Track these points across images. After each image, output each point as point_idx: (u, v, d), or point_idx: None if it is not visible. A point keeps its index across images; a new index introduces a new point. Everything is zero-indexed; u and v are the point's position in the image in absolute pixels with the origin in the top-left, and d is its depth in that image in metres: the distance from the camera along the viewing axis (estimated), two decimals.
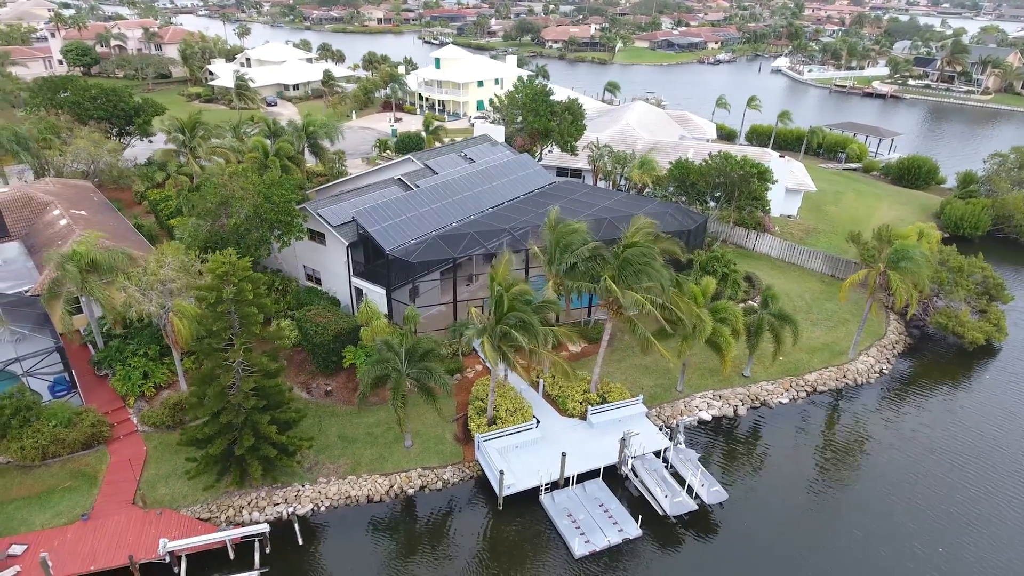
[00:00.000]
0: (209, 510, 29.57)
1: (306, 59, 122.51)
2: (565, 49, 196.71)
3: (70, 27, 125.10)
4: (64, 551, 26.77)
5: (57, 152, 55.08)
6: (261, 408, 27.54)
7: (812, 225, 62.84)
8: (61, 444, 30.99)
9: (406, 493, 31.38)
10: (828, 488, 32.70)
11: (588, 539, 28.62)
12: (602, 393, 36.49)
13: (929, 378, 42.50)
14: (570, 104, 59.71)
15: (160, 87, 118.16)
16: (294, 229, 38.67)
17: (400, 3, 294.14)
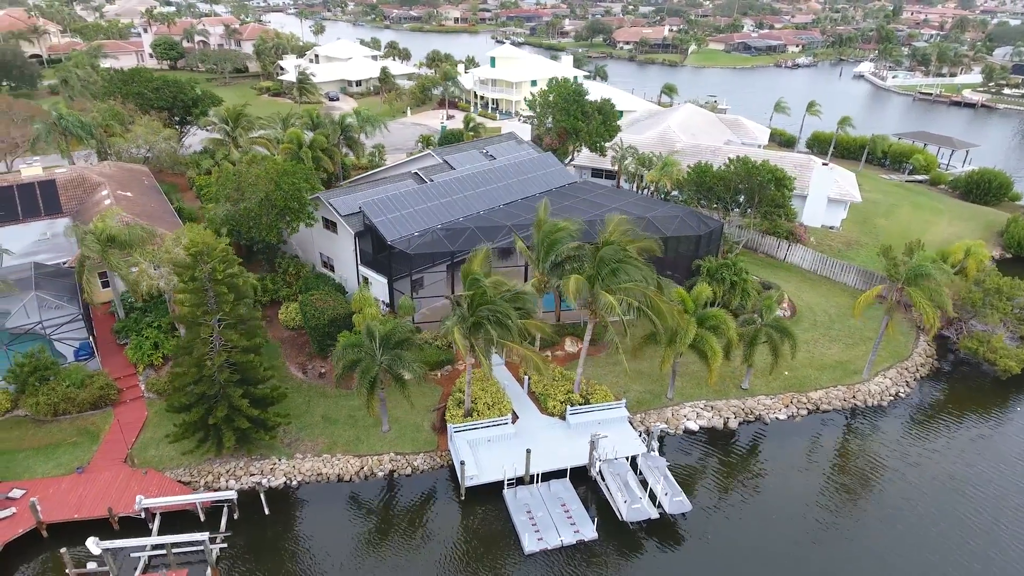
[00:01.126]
0: (190, 474, 31.53)
1: (371, 56, 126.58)
2: (636, 51, 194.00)
3: (161, 23, 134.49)
4: (55, 499, 29.26)
5: (119, 138, 59.55)
6: (236, 382, 29.11)
7: (855, 238, 59.71)
8: (71, 403, 33.78)
9: (375, 475, 32.34)
10: (804, 512, 31.14)
11: (541, 537, 28.62)
12: (585, 394, 36.26)
13: (951, 405, 39.69)
14: (602, 104, 59.21)
15: (236, 81, 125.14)
16: (303, 215, 40.39)
17: (478, 3, 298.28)
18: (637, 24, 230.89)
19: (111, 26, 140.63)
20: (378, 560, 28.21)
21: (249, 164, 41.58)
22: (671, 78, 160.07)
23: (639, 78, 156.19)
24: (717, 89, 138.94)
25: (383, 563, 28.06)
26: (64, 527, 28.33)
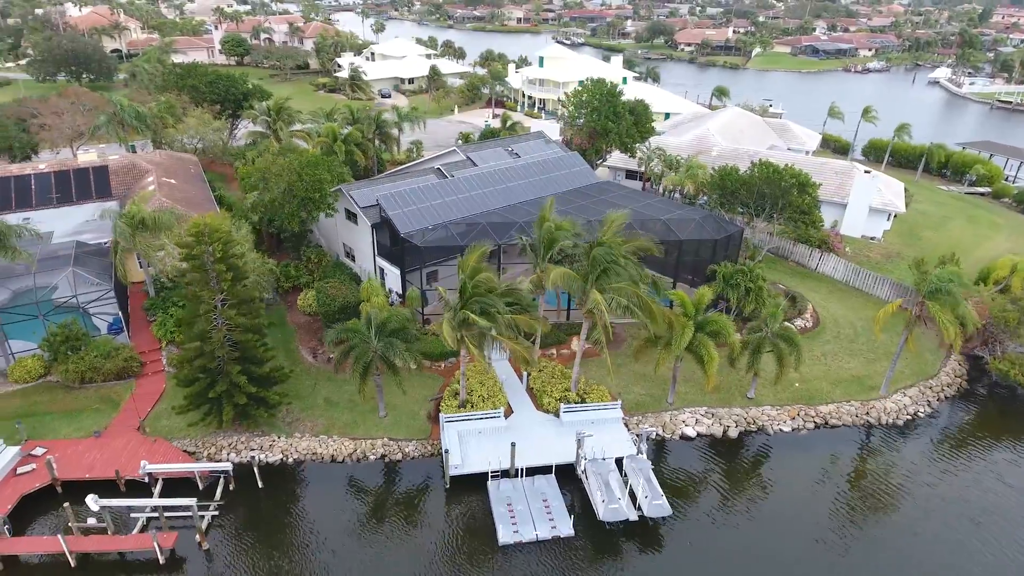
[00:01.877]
0: (195, 445, 33.38)
1: (425, 55, 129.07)
2: (697, 53, 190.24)
3: (230, 21, 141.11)
4: (71, 459, 31.58)
5: (172, 129, 63.12)
6: (235, 359, 30.67)
7: (896, 250, 57.05)
8: (97, 372, 36.27)
9: (367, 458, 33.37)
10: (790, 528, 30.16)
11: (517, 529, 28.93)
12: (582, 393, 36.28)
13: (975, 429, 37.58)
14: (634, 105, 58.69)
15: (297, 77, 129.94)
16: (322, 205, 41.93)
17: (542, 4, 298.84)
18: (702, 25, 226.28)
19: (185, 23, 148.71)
20: (357, 539, 29.16)
21: (276, 156, 43.44)
22: (731, 81, 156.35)
23: (696, 80, 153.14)
24: (779, 93, 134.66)
25: (361, 542, 28.99)
26: (76, 485, 30.53)
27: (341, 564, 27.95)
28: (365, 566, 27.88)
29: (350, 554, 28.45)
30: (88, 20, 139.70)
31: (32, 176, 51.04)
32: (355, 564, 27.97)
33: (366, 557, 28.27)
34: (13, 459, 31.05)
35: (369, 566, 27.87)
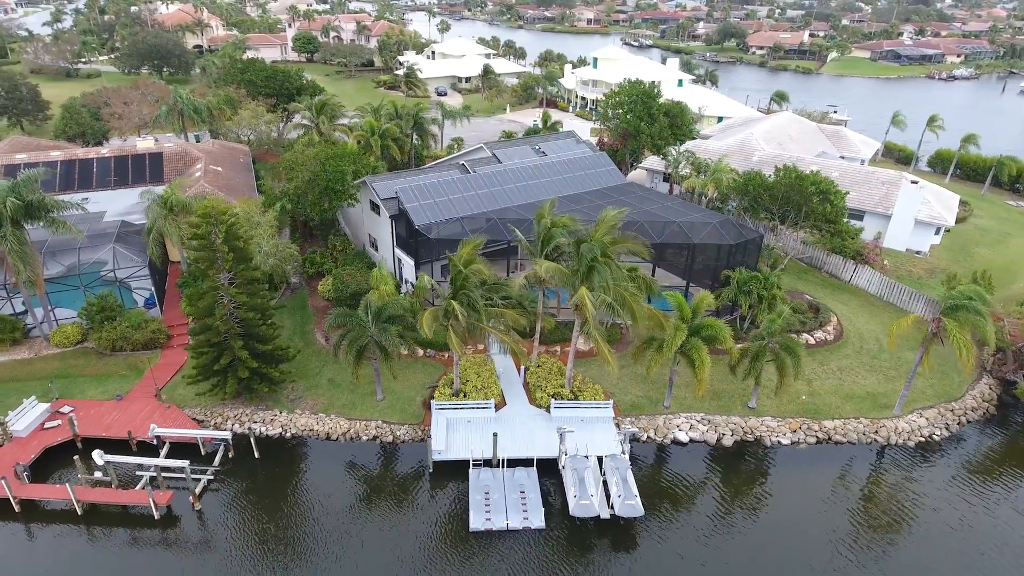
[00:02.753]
0: (204, 414, 35.64)
1: (484, 54, 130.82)
2: (768, 56, 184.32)
3: (303, 19, 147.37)
4: (93, 418, 34.39)
5: (227, 121, 66.95)
6: (239, 335, 32.60)
7: (942, 266, 53.98)
8: (126, 341, 39.23)
9: (359, 438, 34.73)
10: (765, 543, 29.35)
11: (490, 517, 29.50)
12: (576, 390, 36.47)
13: (994, 457, 35.32)
14: (670, 107, 57.95)
15: (361, 74, 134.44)
16: (343, 196, 43.71)
17: (613, 5, 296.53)
18: (779, 28, 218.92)
19: (262, 21, 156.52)
20: (337, 513, 30.47)
21: (305, 147, 45.56)
22: (803, 87, 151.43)
23: (765, 85, 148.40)
24: (853, 100, 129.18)
25: (341, 516, 30.27)
26: (95, 441, 33.23)
27: (319, 533, 29.31)
28: (341, 538, 29.12)
29: (329, 525, 29.77)
30: (174, 17, 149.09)
31: (95, 160, 55.44)
32: (332, 535, 29.25)
33: (343, 530, 29.51)
34: (42, 415, 34.09)
35: (344, 539, 29.09)
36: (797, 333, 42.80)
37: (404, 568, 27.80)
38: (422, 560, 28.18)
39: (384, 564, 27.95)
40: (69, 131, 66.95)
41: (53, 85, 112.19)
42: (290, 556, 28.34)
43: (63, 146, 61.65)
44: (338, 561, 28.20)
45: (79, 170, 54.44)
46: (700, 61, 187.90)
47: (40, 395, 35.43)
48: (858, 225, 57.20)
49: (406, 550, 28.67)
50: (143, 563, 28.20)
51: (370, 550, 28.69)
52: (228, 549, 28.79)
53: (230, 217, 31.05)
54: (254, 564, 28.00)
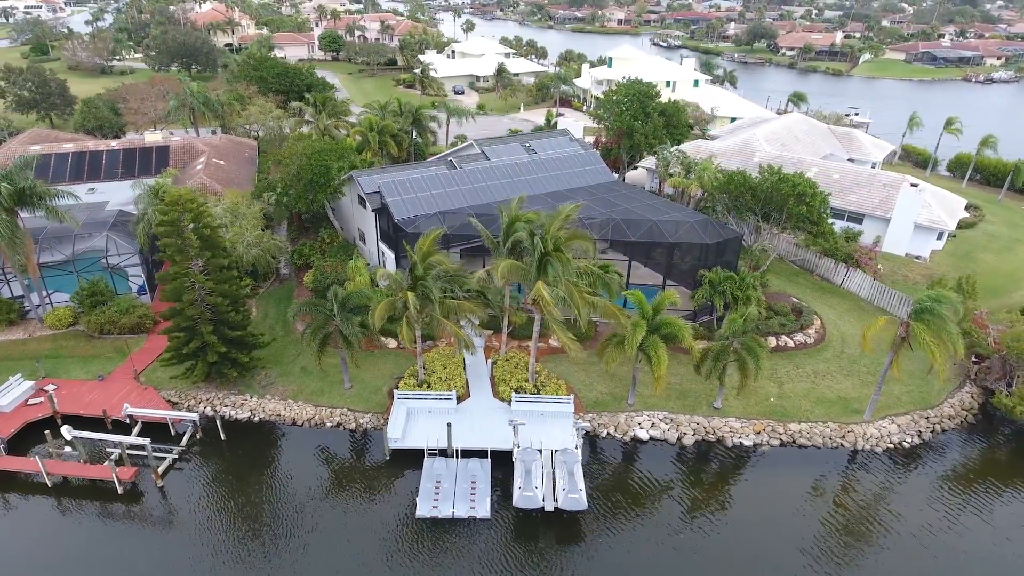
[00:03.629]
0: (179, 396, 36.99)
1: (503, 54, 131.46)
2: (798, 57, 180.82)
3: (329, 19, 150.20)
4: (73, 397, 36.02)
5: (236, 115, 68.93)
6: (208, 320, 33.79)
7: (942, 272, 52.52)
8: (114, 325, 40.89)
9: (324, 425, 35.63)
10: (707, 543, 29.19)
11: (436, 505, 30.02)
12: (539, 385, 36.76)
13: (965, 467, 34.40)
14: (666, 107, 57.66)
15: (384, 72, 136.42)
16: (328, 189, 44.75)
17: (645, 5, 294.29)
18: (813, 29, 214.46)
19: (291, 20, 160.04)
20: (292, 494, 31.39)
21: (295, 141, 46.78)
22: (830, 88, 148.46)
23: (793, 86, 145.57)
24: (882, 102, 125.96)
25: (295, 498, 31.17)
26: (73, 418, 34.80)
27: (274, 513, 30.28)
28: (295, 519, 30.00)
29: (285, 506, 30.70)
30: (207, 16, 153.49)
31: (104, 153, 57.77)
32: (287, 516, 30.16)
33: (298, 511, 30.39)
34: (27, 392, 35.83)
35: (298, 519, 29.97)
36: (776, 335, 42.41)
37: (351, 548, 28.58)
38: (369, 542, 28.89)
39: (333, 545, 28.72)
40: (88, 124, 69.79)
41: (87, 81, 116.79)
42: (244, 533, 29.34)
43: (78, 138, 64.29)
44: (288, 540, 29.07)
45: (89, 161, 56.79)
46: (727, 62, 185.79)
47: (27, 373, 37.21)
48: (857, 228, 56.20)
49: (355, 532, 29.43)
50: (103, 535, 29.57)
51: (322, 531, 29.51)
52: (185, 525, 29.95)
53: (198, 205, 32.19)
54: (208, 540, 29.07)
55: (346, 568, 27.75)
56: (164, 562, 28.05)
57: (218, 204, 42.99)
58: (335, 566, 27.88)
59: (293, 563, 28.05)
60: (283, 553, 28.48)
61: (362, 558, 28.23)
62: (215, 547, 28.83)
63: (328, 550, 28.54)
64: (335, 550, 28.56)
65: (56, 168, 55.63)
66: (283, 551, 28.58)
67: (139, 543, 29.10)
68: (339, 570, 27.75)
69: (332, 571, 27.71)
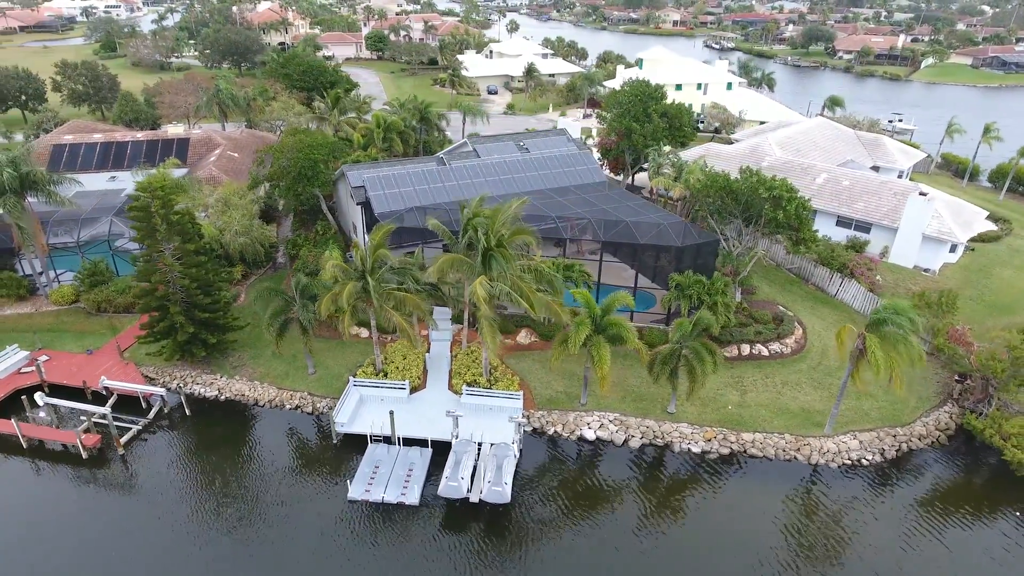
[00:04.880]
0: (156, 373, 39.30)
1: (540, 55, 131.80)
2: (856, 61, 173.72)
3: (376, 19, 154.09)
4: (62, 368, 38.76)
5: (260, 111, 72.01)
6: (178, 301, 35.81)
7: (949, 286, 49.92)
8: (110, 304, 43.70)
9: (283, 407, 37.19)
10: (622, 547, 29.06)
11: (369, 489, 30.99)
12: (492, 380, 37.23)
13: (928, 489, 32.86)
14: (667, 108, 56.96)
15: (424, 72, 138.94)
16: (315, 183, 46.45)
17: (703, 6, 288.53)
18: (877, 31, 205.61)
19: (342, 20, 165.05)
20: (240, 468, 33.11)
21: (290, 135, 48.73)
22: (889, 94, 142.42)
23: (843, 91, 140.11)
24: (940, 109, 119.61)
25: (242, 472, 32.87)
26: (59, 387, 37.55)
27: (221, 485, 32.00)
28: (238, 491, 31.64)
29: (232, 479, 32.43)
30: (262, 16, 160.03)
31: (130, 143, 61.50)
32: (231, 488, 31.84)
33: (242, 484, 32.05)
34: (21, 361, 38.81)
35: (241, 492, 31.61)
36: (750, 343, 41.51)
37: (282, 521, 29.94)
38: (299, 518, 30.17)
39: (267, 517, 30.16)
40: (125, 117, 74.34)
41: (146, 76, 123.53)
42: (191, 501, 31.16)
43: (113, 129, 68.52)
44: (229, 510, 30.67)
45: (115, 151, 60.63)
46: (779, 65, 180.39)
47: (26, 344, 40.27)
48: (864, 238, 54.19)
49: (291, 508, 30.77)
50: (63, 493, 31.97)
51: (260, 504, 31.01)
52: (138, 490, 32.07)
53: (167, 192, 34.20)
54: (157, 504, 31.00)
55: (278, 538, 29.06)
56: (112, 522, 30.18)
57: (211, 195, 45.25)
58: (268, 536, 29.28)
59: (230, 530, 29.68)
60: (223, 521, 30.08)
61: (294, 533, 29.41)
62: (162, 512, 30.65)
63: (262, 522, 29.91)
64: (269, 522, 29.92)
65: (84, 156, 59.67)
66: (223, 519, 30.17)
67: (94, 504, 31.34)
68: (272, 540, 29.10)
69: (266, 541, 29.09)
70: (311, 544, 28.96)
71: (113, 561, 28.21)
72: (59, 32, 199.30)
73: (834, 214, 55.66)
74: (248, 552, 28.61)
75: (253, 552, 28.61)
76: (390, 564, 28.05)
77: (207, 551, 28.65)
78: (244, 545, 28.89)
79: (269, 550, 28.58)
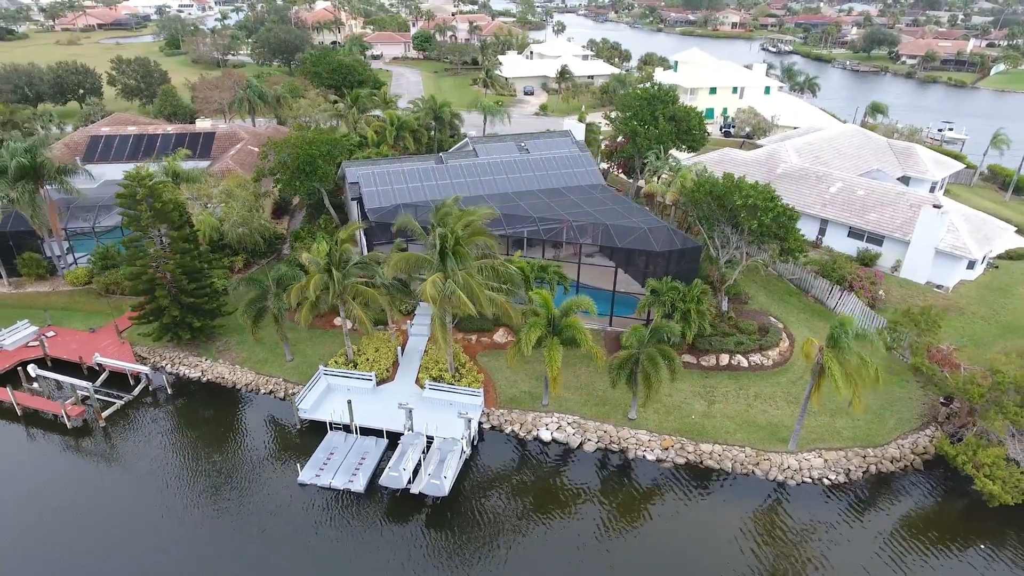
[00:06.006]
0: (148, 352, 41.67)
1: (581, 56, 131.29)
2: (919, 66, 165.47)
3: (424, 19, 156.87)
4: (64, 343, 41.60)
5: (288, 108, 74.80)
6: (163, 285, 37.93)
7: (962, 305, 47.53)
8: (118, 286, 46.50)
9: (258, 391, 38.85)
10: (552, 547, 29.14)
11: (319, 474, 32.12)
12: (456, 376, 37.80)
13: (890, 515, 31.47)
14: (675, 112, 56.11)
15: (466, 71, 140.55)
16: (312, 178, 48.11)
17: (766, 8, 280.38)
18: (947, 35, 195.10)
19: (392, 19, 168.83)
20: (207, 446, 34.94)
21: (297, 131, 50.60)
22: (953, 102, 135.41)
23: (900, 99, 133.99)
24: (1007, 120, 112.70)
25: (209, 450, 34.67)
26: (60, 362, 40.39)
27: (187, 458, 34.13)
28: (202, 466, 33.58)
29: (199, 454, 34.46)
30: (316, 16, 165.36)
31: (160, 136, 64.99)
32: (197, 462, 33.83)
33: (207, 460, 33.96)
34: (29, 335, 41.86)
35: (205, 467, 33.48)
36: (730, 354, 40.62)
37: (237, 498, 31.60)
38: (253, 497, 31.65)
39: (225, 494, 31.87)
40: (165, 111, 78.58)
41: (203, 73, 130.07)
42: (158, 472, 33.21)
43: (153, 122, 72.50)
44: (189, 481, 32.61)
45: (146, 143, 64.17)
46: (837, 69, 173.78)
47: (37, 320, 43.37)
48: (875, 251, 52.03)
49: (247, 483, 32.51)
50: (48, 456, 34.74)
51: (220, 480, 32.74)
52: (114, 458, 34.39)
53: (153, 181, 36.28)
54: (128, 471, 33.38)
55: (233, 514, 30.81)
56: (86, 483, 32.81)
57: (216, 186, 47.53)
58: (225, 509, 31.09)
59: (184, 502, 31.47)
60: (184, 491, 32.08)
61: (246, 511, 30.89)
62: (134, 478, 32.97)
63: (221, 498, 31.66)
64: (227, 498, 31.61)
65: (118, 147, 63.42)
66: (183, 489, 32.16)
67: (74, 468, 33.90)
68: (227, 514, 30.81)
69: (224, 514, 30.82)
70: (261, 522, 30.30)
71: (85, 516, 30.65)
72: (133, 29, 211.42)
73: (846, 225, 53.73)
74: (204, 526, 30.24)
75: (207, 526, 30.23)
76: (331, 546, 29.04)
77: (168, 520, 30.44)
78: (200, 520, 30.50)
79: (223, 525, 30.15)
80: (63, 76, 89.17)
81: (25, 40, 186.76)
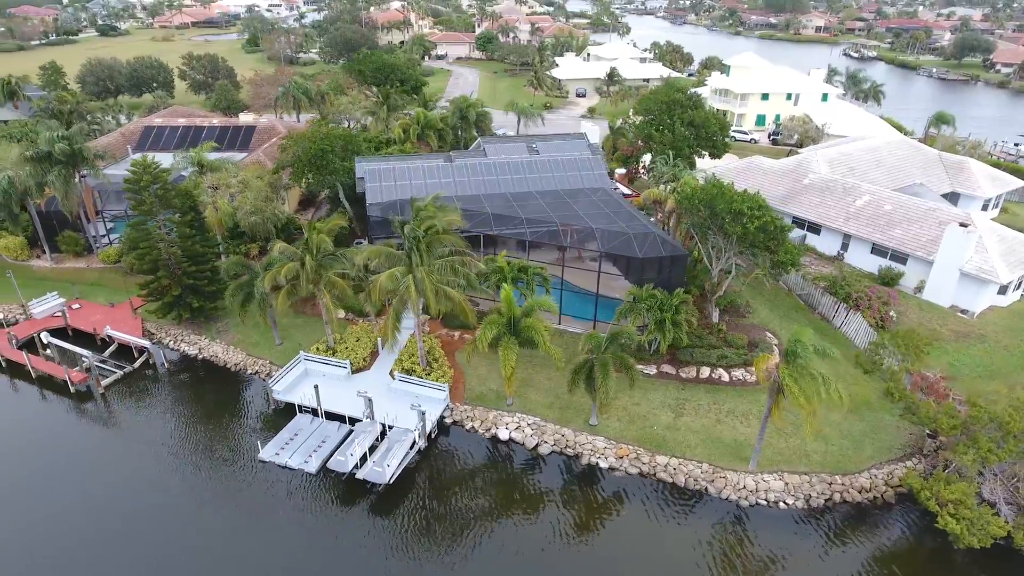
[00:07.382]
0: (157, 329, 44.81)
1: (638, 59, 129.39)
2: (1015, 75, 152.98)
3: (488, 20, 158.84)
4: (85, 315, 45.36)
5: (330, 105, 77.98)
6: (165, 265, 40.76)
7: (985, 333, 44.14)
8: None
9: (244, 371, 41.09)
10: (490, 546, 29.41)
11: (278, 453, 33.77)
12: (427, 369, 38.64)
13: (843, 549, 29.90)
14: (693, 117, 54.77)
15: (524, 71, 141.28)
16: (323, 172, 50.19)
17: (853, 12, 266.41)
18: None
19: (460, 20, 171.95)
20: (187, 418, 37.67)
21: (317, 127, 52.93)
22: None
23: (990, 111, 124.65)
24: None
25: (187, 420, 37.36)
26: (79, 332, 44.15)
27: (166, 427, 36.97)
28: (179, 434, 36.51)
29: (178, 425, 37.33)
30: (386, 16, 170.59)
31: (205, 128, 69.30)
32: (175, 431, 36.72)
33: (184, 429, 36.83)
34: (55, 307, 45.84)
35: (182, 434, 36.49)
36: (711, 367, 39.53)
37: (205, 468, 33.94)
38: (218, 468, 33.93)
39: (194, 463, 34.31)
40: (219, 105, 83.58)
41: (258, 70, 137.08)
42: (133, 436, 36.22)
43: (209, 114, 77.35)
44: (164, 448, 35.38)
45: (193, 134, 68.60)
46: (923, 76, 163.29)
47: (62, 293, 47.39)
48: (899, 269, 49.05)
49: (216, 452, 35.06)
50: (52, 414, 38.40)
51: (189, 446, 35.70)
52: (108, 421, 37.72)
53: (157, 169, 39.05)
54: (119, 433, 36.84)
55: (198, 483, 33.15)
56: (81, 439, 36.11)
57: (235, 175, 50.39)
58: (182, 471, 33.68)
59: (156, 464, 34.22)
60: (160, 457, 34.84)
61: (209, 482, 33.08)
62: (120, 438, 36.23)
63: (191, 466, 34.08)
64: (195, 468, 34.00)
65: (167, 137, 68.13)
66: (159, 454, 35.00)
67: (73, 427, 37.26)
68: (187, 476, 33.20)
69: (179, 476, 33.25)
70: (222, 493, 32.34)
71: (76, 464, 34.13)
72: (223, 27, 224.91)
73: (868, 240, 50.94)
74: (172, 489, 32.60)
75: (175, 489, 32.60)
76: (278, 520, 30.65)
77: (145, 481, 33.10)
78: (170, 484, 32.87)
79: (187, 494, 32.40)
80: (139, 71, 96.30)
81: (126, 36, 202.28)
